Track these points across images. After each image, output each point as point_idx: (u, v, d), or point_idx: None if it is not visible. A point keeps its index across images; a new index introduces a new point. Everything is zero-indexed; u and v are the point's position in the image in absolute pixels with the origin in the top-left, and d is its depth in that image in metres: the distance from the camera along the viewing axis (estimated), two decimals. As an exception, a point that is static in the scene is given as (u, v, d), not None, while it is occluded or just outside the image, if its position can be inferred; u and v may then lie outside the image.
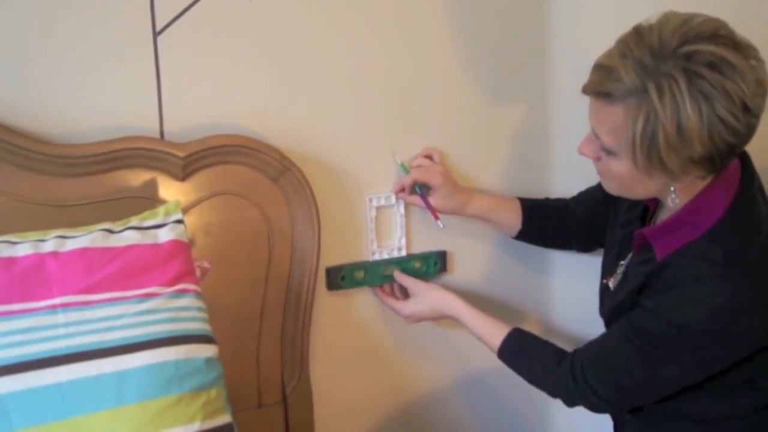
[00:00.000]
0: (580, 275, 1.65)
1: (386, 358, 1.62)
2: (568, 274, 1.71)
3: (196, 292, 1.17)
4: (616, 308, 1.32)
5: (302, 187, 1.40)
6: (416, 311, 1.51)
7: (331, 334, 1.54)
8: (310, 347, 1.48)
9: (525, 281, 1.71)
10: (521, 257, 1.69)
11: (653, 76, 1.10)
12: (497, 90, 1.60)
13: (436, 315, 1.51)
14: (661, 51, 1.10)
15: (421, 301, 1.51)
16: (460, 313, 1.46)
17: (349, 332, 1.57)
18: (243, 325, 1.40)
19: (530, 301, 1.72)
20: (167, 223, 1.21)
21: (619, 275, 1.36)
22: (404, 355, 1.63)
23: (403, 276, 1.55)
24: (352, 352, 1.58)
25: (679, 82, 1.08)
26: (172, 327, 1.10)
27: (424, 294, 1.51)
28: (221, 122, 1.36)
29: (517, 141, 1.64)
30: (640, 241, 1.29)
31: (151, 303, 1.11)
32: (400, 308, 1.52)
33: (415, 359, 1.65)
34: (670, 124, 1.09)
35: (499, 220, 1.55)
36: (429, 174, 1.51)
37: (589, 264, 1.59)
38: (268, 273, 1.41)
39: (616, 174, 1.21)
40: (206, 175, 1.35)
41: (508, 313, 1.69)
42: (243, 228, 1.38)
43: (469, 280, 1.65)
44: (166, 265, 1.15)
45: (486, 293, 1.68)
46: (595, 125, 1.19)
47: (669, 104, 1.09)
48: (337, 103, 1.46)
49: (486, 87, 1.58)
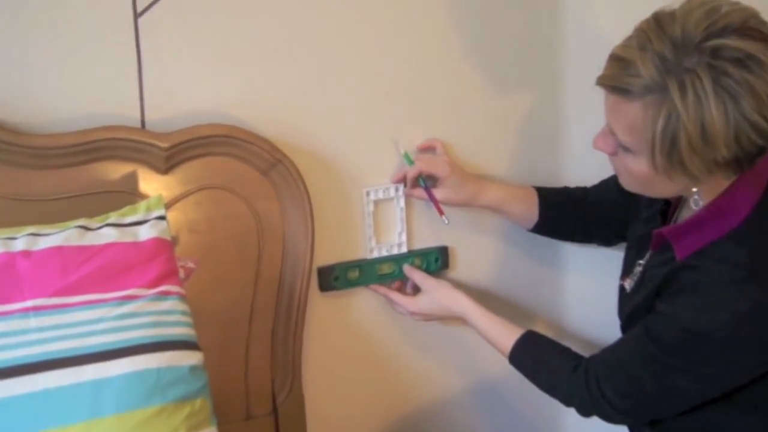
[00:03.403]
0: (597, 273, 1.66)
1: (386, 366, 1.62)
2: (583, 272, 1.72)
3: (180, 294, 1.17)
4: (632, 312, 1.32)
5: (294, 181, 1.39)
6: (424, 309, 1.52)
7: (326, 339, 1.54)
8: (303, 354, 1.48)
9: (535, 279, 1.71)
10: (531, 253, 1.69)
11: (675, 72, 1.08)
12: (506, 77, 1.60)
13: (444, 314, 1.52)
14: (684, 44, 1.08)
15: (431, 299, 1.51)
16: (469, 313, 1.47)
17: (345, 338, 1.57)
18: (230, 331, 1.41)
19: (541, 302, 1.73)
20: (148, 220, 1.20)
21: (637, 276, 1.36)
22: (406, 362, 1.64)
23: (414, 270, 1.55)
24: (348, 360, 1.58)
25: (703, 79, 1.07)
26: (154, 332, 1.10)
27: (435, 291, 1.52)
28: (207, 111, 1.36)
29: (527, 132, 1.64)
30: (659, 240, 1.28)
31: (130, 306, 1.11)
32: (407, 304, 1.53)
33: (418, 366, 1.65)
34: (693, 126, 1.08)
35: (514, 211, 1.56)
36: (435, 164, 1.51)
37: (607, 261, 1.60)
38: (258, 273, 1.41)
39: (634, 172, 1.21)
40: (191, 168, 1.35)
41: (516, 314, 1.70)
42: (231, 225, 1.38)
43: (474, 278, 1.65)
44: (147, 266, 1.15)
45: (491, 292, 1.68)
46: (610, 121, 1.19)
47: (692, 104, 1.07)
48: (332, 90, 1.46)
49: (494, 74, 1.58)
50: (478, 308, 1.47)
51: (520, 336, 1.41)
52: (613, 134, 1.19)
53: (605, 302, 1.48)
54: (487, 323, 1.45)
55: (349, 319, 1.57)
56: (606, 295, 1.48)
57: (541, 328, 1.70)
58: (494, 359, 1.47)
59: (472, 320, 1.47)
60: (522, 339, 1.41)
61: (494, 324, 1.45)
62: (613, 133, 1.19)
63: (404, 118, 1.53)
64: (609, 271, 1.49)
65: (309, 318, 1.48)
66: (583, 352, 1.38)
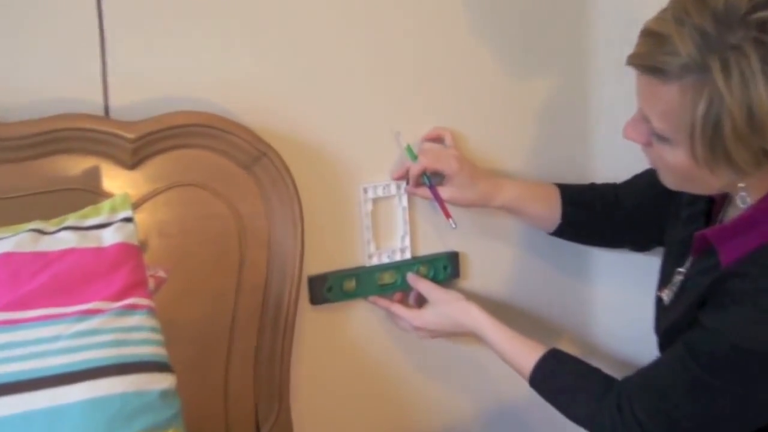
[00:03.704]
0: (630, 283, 1.68)
1: (388, 391, 1.63)
2: (614, 281, 1.73)
3: (149, 308, 1.16)
4: (671, 327, 1.32)
5: (281, 176, 1.40)
6: (431, 323, 1.53)
7: (318, 360, 1.55)
8: (292, 377, 1.48)
9: (558, 291, 1.73)
10: (553, 260, 1.71)
11: (717, 49, 1.09)
12: (525, 56, 1.61)
13: (454, 330, 1.53)
14: (728, 17, 1.09)
15: (439, 312, 1.52)
16: (484, 328, 1.47)
17: (340, 358, 1.58)
18: (207, 350, 1.41)
19: (565, 317, 1.74)
20: (113, 222, 1.20)
21: (676, 286, 1.36)
22: (411, 386, 1.65)
23: (419, 279, 1.57)
24: (344, 384, 1.59)
25: (750, 57, 1.07)
26: (119, 352, 1.09)
27: (443, 303, 1.53)
28: (181, 96, 1.36)
29: (549, 120, 1.65)
30: (702, 244, 1.29)
31: (92, 322, 1.10)
32: (411, 318, 1.53)
33: (425, 392, 1.66)
34: (739, 110, 1.08)
35: (533, 211, 1.57)
36: (441, 159, 1.52)
37: (641, 269, 1.60)
38: (239, 283, 1.42)
39: (671, 165, 1.21)
40: (162, 162, 1.35)
41: (536, 330, 1.70)
42: (207, 227, 1.39)
43: (488, 289, 1.67)
44: (111, 275, 1.15)
45: (508, 305, 1.69)
46: (644, 106, 1.19)
47: (737, 85, 1.08)
48: (324, 72, 1.47)
49: (511, 53, 1.60)
50: (494, 323, 1.47)
51: (542, 355, 1.41)
52: (647, 121, 1.19)
53: (640, 316, 1.48)
54: (505, 340, 1.45)
55: (344, 337, 1.57)
56: (640, 309, 1.48)
57: (566, 346, 1.70)
58: (512, 382, 1.47)
59: (486, 336, 1.47)
60: (544, 358, 1.41)
61: (512, 341, 1.45)
62: (646, 120, 1.19)
63: (407, 104, 1.54)
64: (644, 281, 1.50)
65: (298, 335, 1.48)
66: (615, 373, 1.38)
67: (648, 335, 1.42)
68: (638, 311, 1.50)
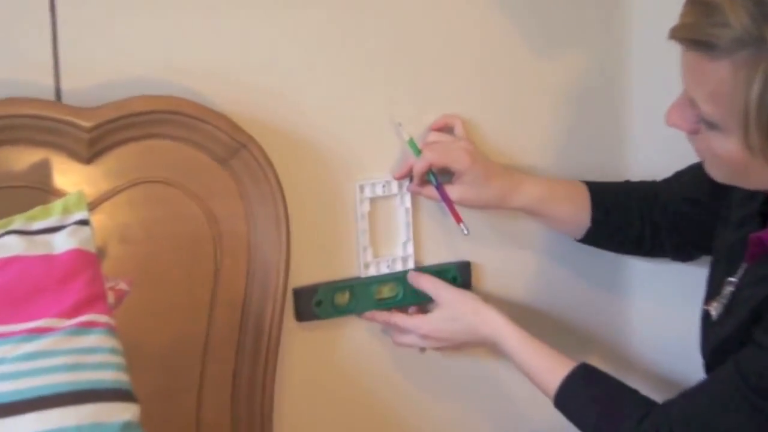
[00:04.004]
0: (672, 297, 1.70)
1: (386, 422, 1.63)
2: (653, 295, 1.75)
3: (108, 326, 1.15)
4: (720, 346, 1.33)
5: (263, 172, 1.40)
6: (441, 330, 1.53)
7: (305, 386, 1.55)
8: (276, 406, 1.47)
9: (589, 307, 1.74)
10: (582, 270, 1.72)
11: None
12: (550, 33, 1.63)
13: (469, 338, 1.53)
14: None
15: (450, 315, 1.52)
16: (504, 337, 1.48)
17: (332, 384, 1.58)
18: (177, 374, 1.41)
19: (597, 335, 1.75)
20: (66, 226, 1.19)
21: (726, 298, 1.36)
22: (414, 416, 1.64)
23: (422, 276, 1.56)
24: (336, 413, 1.59)
25: None
26: (73, 377, 1.08)
27: (455, 304, 1.53)
28: (146, 78, 1.36)
29: (577, 106, 1.67)
30: (757, 249, 1.30)
31: (41, 342, 1.09)
32: (417, 325, 1.53)
33: (433, 422, 1.66)
34: None
35: (557, 214, 1.57)
36: (450, 154, 1.51)
37: (685, 279, 1.61)
38: (214, 297, 1.42)
39: (722, 156, 1.21)
40: (123, 155, 1.34)
41: (563, 350, 1.68)
42: (177, 232, 1.39)
43: (504, 305, 1.65)
44: (63, 288, 1.14)
45: (529, 324, 1.65)
46: (690, 87, 1.20)
47: None
48: (314, 51, 1.47)
49: (534, 28, 1.61)
50: (516, 330, 1.47)
51: (570, 370, 1.41)
52: (694, 105, 1.20)
53: (682, 335, 1.49)
54: (527, 351, 1.46)
55: (336, 360, 1.58)
56: (684, 326, 1.49)
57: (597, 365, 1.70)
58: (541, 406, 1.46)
59: (507, 346, 1.47)
60: (573, 374, 1.41)
61: (537, 352, 1.45)
62: (693, 103, 1.20)
63: (410, 89, 1.55)
64: (688, 295, 1.50)
65: (283, 358, 1.47)
66: (655, 396, 1.38)
67: (692, 354, 1.42)
68: (681, 329, 1.52)
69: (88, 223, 1.20)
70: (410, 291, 1.58)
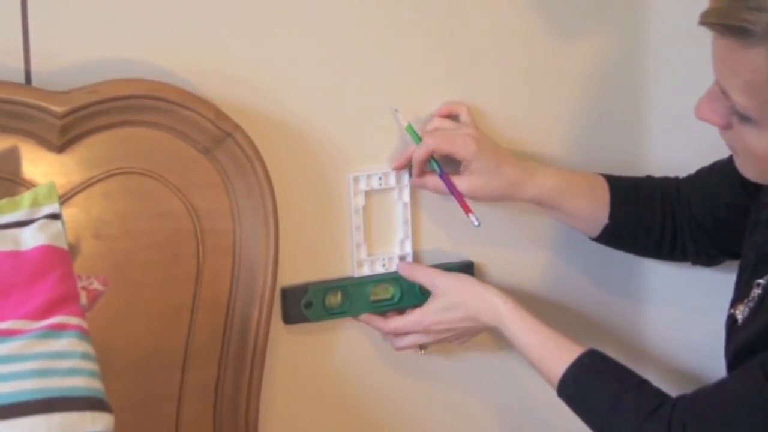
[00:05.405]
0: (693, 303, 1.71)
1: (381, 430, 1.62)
2: (673, 300, 1.75)
3: (81, 329, 1.14)
4: (743, 347, 1.33)
5: (250, 164, 1.40)
6: (441, 321, 1.52)
7: (294, 395, 1.55)
8: (261, 416, 1.47)
9: (603, 312, 1.74)
10: (597, 272, 1.72)
11: None
12: (565, 13, 1.64)
13: (472, 325, 1.52)
14: None
15: (449, 304, 1.52)
16: (505, 318, 1.48)
17: (322, 391, 1.58)
18: (155, 382, 1.40)
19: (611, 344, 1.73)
20: (35, 219, 1.19)
21: (754, 301, 1.36)
22: (410, 424, 1.64)
23: (415, 266, 1.56)
24: (327, 424, 1.59)
25: None
26: (42, 384, 1.08)
27: (455, 290, 1.52)
28: (123, 59, 1.36)
29: (595, 93, 1.67)
30: None
31: (7, 346, 1.09)
32: (417, 321, 1.53)
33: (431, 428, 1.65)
34: None
35: (572, 208, 1.57)
36: (454, 140, 1.51)
37: (709, 284, 1.63)
38: (196, 299, 1.41)
39: (756, 152, 1.21)
40: (98, 144, 1.34)
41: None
42: (157, 227, 1.38)
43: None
44: (32, 287, 1.14)
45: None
46: (722, 77, 1.19)
47: None
48: (305, 30, 1.47)
49: (548, 7, 1.61)
50: (519, 312, 1.48)
51: (577, 357, 1.42)
52: (726, 97, 1.19)
53: (702, 342, 1.54)
54: (530, 333, 1.46)
55: (328, 366, 1.58)
56: (703, 333, 1.55)
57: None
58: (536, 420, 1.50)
59: (510, 330, 1.48)
60: (579, 360, 1.41)
61: (541, 335, 1.46)
62: (725, 95, 1.19)
63: (409, 73, 1.55)
64: (711, 301, 1.52)
65: (270, 364, 1.48)
66: (669, 389, 1.38)
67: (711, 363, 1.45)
68: (700, 337, 1.55)
69: (60, 217, 1.20)
70: (408, 292, 1.58)
